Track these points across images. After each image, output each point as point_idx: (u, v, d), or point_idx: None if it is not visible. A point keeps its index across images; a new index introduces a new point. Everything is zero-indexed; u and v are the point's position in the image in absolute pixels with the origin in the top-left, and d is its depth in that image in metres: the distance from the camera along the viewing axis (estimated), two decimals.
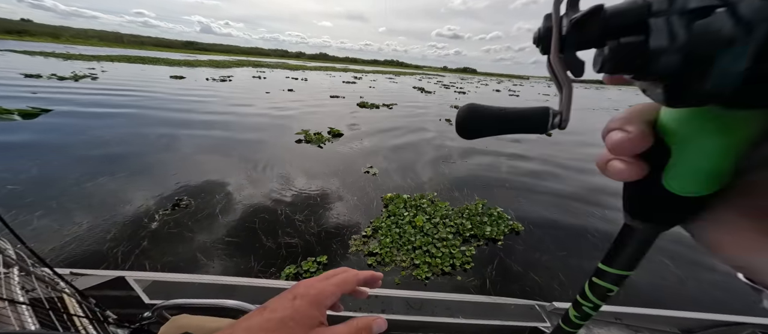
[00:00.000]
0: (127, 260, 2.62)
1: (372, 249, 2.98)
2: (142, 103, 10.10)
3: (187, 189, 4.02)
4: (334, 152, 6.24)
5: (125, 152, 5.34)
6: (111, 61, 32.27)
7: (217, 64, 44.70)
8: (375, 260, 2.85)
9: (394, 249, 3.03)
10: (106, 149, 5.42)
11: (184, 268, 2.62)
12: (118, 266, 2.51)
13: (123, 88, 13.49)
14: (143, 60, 39.20)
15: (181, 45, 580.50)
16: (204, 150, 5.77)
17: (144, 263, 2.61)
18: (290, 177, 4.71)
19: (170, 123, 7.70)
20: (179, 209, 3.51)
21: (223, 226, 3.26)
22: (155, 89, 14.10)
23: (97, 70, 20.91)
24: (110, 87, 13.66)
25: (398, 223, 3.49)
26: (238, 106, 10.98)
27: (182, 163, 4.99)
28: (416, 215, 3.68)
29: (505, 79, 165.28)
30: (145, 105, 9.90)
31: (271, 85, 20.02)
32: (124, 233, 3.02)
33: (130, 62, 33.56)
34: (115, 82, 15.79)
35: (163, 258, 2.71)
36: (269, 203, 3.81)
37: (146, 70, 25.45)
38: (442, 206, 3.93)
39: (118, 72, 21.54)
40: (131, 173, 4.48)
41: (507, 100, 22.53)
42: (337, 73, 51.91)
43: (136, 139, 6.17)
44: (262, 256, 2.82)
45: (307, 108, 11.72)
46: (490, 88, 40.80)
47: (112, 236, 2.94)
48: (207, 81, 19.67)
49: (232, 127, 7.70)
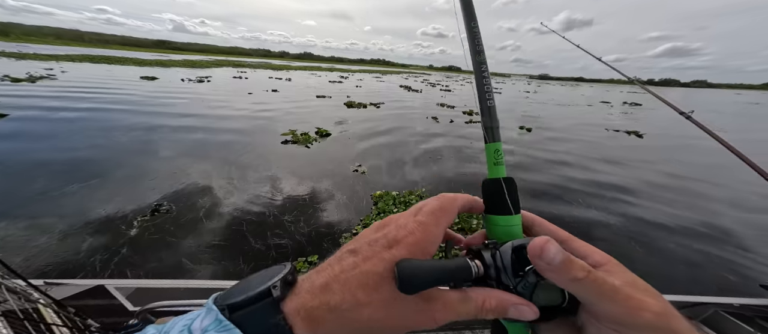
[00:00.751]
0: (105, 269, 2.48)
1: None
2: (110, 106, 9.45)
3: (166, 194, 3.84)
4: (322, 152, 6.19)
5: (95, 157, 4.99)
6: (72, 61, 29.87)
7: (194, 64, 42.59)
8: None
9: None
10: (73, 155, 5.04)
11: (168, 273, 2.51)
12: (96, 276, 2.37)
13: (88, 90, 12.54)
14: (109, 60, 36.59)
15: (152, 44, 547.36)
16: (183, 153, 5.51)
17: (125, 271, 2.48)
18: (278, 178, 4.62)
19: (143, 126, 7.27)
20: (160, 215, 3.35)
21: (209, 230, 3.15)
22: (125, 91, 13.22)
23: (56, 71, 19.28)
24: (73, 88, 12.66)
25: None
26: (218, 108, 10.56)
27: (161, 168, 4.75)
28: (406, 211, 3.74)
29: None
30: (114, 108, 9.27)
31: (253, 86, 19.38)
32: (100, 241, 2.84)
33: (94, 62, 31.24)
34: (78, 83, 14.63)
35: (146, 265, 2.58)
36: (257, 205, 3.72)
37: (113, 70, 23.79)
38: None
39: (81, 73, 20.00)
40: (103, 179, 4.20)
41: None
42: (323, 72, 51.22)
43: (106, 143, 5.78)
44: (252, 258, 2.76)
45: (292, 109, 11.50)
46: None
47: (88, 246, 2.76)
48: (183, 82, 18.70)
49: (213, 129, 7.41)
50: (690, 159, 7.53)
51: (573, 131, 10.63)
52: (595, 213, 4.15)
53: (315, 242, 3.06)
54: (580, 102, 24.54)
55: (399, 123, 9.90)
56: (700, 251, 3.40)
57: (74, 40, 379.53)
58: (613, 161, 6.89)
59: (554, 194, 4.73)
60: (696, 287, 2.85)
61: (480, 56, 0.39)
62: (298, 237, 3.12)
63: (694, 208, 4.52)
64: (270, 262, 2.73)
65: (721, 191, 5.32)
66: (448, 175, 5.32)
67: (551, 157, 6.91)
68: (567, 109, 18.42)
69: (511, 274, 0.26)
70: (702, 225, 3.98)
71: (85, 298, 1.27)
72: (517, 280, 0.26)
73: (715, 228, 3.91)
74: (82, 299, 1.25)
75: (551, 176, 5.57)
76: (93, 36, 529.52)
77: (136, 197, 3.73)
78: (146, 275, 2.46)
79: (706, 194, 5.13)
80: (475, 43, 0.39)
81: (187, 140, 6.35)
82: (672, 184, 5.55)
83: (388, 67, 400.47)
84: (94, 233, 2.95)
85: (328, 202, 3.94)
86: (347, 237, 3.16)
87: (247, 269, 2.63)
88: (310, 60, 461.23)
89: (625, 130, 11.44)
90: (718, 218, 4.23)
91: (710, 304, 1.31)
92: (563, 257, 0.23)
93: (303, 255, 2.82)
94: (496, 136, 0.34)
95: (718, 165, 6.54)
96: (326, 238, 3.13)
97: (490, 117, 0.35)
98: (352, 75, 48.63)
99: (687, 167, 6.81)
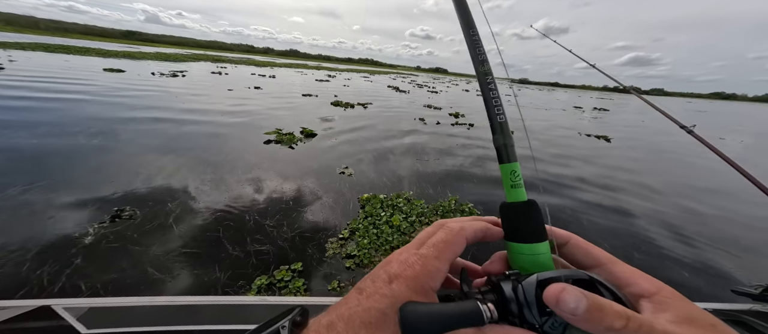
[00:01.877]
0: (55, 283, 2.16)
1: (350, 251, 2.90)
2: (65, 98, 8.56)
3: (128, 198, 3.49)
4: (306, 153, 5.98)
5: (41, 155, 4.45)
6: (23, 50, 26.89)
7: (167, 57, 39.76)
8: (353, 262, 2.78)
9: (372, 250, 2.98)
10: (15, 152, 4.46)
11: (132, 286, 2.25)
12: (44, 292, 2.06)
13: (40, 80, 11.30)
14: (68, 49, 33.30)
15: (120, 35, 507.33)
16: (149, 152, 5.08)
17: (79, 285, 2.18)
18: (259, 180, 4.37)
19: (102, 120, 6.64)
20: (121, 221, 3.02)
21: (179, 236, 2.89)
22: (85, 82, 12.07)
23: (3, 59, 17.25)
24: (22, 78, 11.34)
25: (375, 223, 3.46)
26: (193, 104, 9.91)
27: (121, 168, 4.33)
28: (393, 214, 3.68)
29: (473, 80, 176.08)
30: (70, 99, 8.40)
31: (234, 82, 18.48)
32: (49, 252, 2.49)
33: (50, 51, 28.33)
34: (30, 73, 13.16)
35: (104, 276, 2.30)
36: (235, 209, 3.48)
37: (72, 61, 21.68)
38: (418, 205, 4.00)
39: (34, 62, 18.04)
40: (52, 179, 3.74)
41: (472, 99, 23.90)
42: (310, 70, 49.96)
43: (56, 139, 5.19)
44: (229, 266, 2.56)
45: (276, 107, 11.07)
46: (460, 88, 42.97)
47: (33, 256, 2.41)
48: (153, 76, 17.42)
49: (186, 127, 6.92)
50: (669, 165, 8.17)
51: (549, 133, 11.18)
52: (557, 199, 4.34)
53: (299, 247, 2.90)
54: (555, 106, 25.94)
55: (387, 123, 9.87)
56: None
57: (28, 27, 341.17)
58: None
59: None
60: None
61: (484, 66, 0.34)
62: (280, 243, 2.94)
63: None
64: (250, 269, 2.55)
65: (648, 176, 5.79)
66: (435, 175, 5.33)
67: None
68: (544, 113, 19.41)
69: (537, 312, 0.23)
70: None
71: (26, 320, 1.07)
72: (543, 319, 0.22)
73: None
74: (23, 322, 1.06)
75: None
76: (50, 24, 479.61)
77: (91, 199, 3.35)
78: (104, 288, 2.19)
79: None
80: (477, 53, 0.35)
81: (153, 138, 5.87)
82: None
83: (376, 67, 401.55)
84: (41, 244, 2.59)
85: (312, 205, 3.79)
86: (333, 242, 3.03)
87: (223, 278, 2.42)
88: (297, 57, 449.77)
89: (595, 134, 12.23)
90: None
91: (719, 310, 1.21)
92: (588, 304, 0.19)
93: (286, 263, 2.65)
94: (511, 156, 0.31)
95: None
96: (311, 243, 2.99)
97: (502, 134, 0.32)
98: (340, 74, 47.92)
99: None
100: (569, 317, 0.20)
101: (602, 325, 0.19)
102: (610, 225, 4.07)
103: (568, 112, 21.98)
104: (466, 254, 0.30)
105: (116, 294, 2.13)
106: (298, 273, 2.56)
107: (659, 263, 3.30)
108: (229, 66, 38.64)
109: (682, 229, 4.14)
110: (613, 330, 0.19)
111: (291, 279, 2.48)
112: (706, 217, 4.72)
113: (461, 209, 4.04)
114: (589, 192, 5.24)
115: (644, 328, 0.19)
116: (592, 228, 3.96)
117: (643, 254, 3.42)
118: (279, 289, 2.37)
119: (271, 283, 2.41)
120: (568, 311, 0.20)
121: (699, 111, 50.19)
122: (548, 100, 35.36)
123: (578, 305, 0.19)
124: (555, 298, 0.20)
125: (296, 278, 2.50)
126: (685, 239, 3.85)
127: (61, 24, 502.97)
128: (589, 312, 0.19)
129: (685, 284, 2.92)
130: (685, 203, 5.21)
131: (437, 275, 0.25)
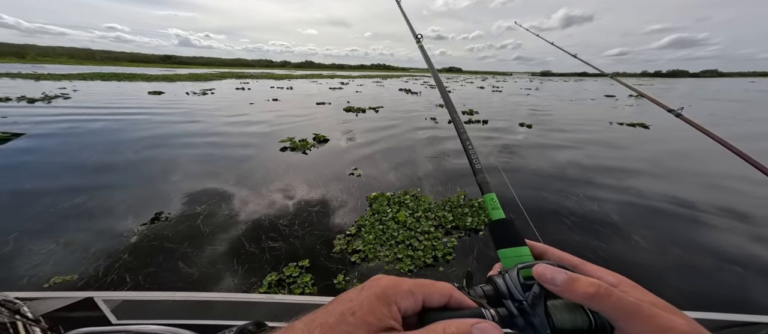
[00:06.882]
0: (108, 274, 2.60)
1: (356, 247, 3.06)
2: (117, 120, 9.81)
3: (164, 202, 3.98)
4: (319, 158, 6.30)
5: (101, 169, 5.21)
6: (84, 80, 30.98)
7: (198, 77, 43.65)
8: (359, 256, 2.93)
9: (377, 245, 3.12)
10: (82, 170, 5.26)
11: (164, 278, 2.61)
12: (91, 285, 2.49)
13: (97, 107, 13.03)
14: (118, 76, 37.80)
15: (159, 59, 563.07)
16: (183, 162, 5.69)
17: (124, 277, 2.60)
18: (275, 184, 4.73)
19: (148, 138, 7.53)
20: (159, 222, 3.48)
21: (206, 235, 3.26)
22: (132, 105, 13.70)
23: (69, 90, 20.04)
24: (84, 106, 13.17)
25: (381, 220, 3.58)
26: (219, 118, 10.83)
27: (161, 176, 4.92)
28: (399, 210, 3.78)
29: (490, 76, 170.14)
30: (121, 121, 9.62)
31: (255, 96, 19.78)
32: (101, 248, 2.98)
33: (105, 80, 32.33)
34: (89, 101, 15.20)
35: (144, 269, 2.70)
36: (252, 210, 3.83)
37: (122, 86, 24.58)
38: (425, 201, 4.06)
39: (92, 90, 20.73)
40: (109, 189, 4.38)
41: (489, 96, 23.16)
42: (324, 80, 51.76)
43: (112, 158, 6.01)
44: (245, 260, 2.85)
45: (292, 116, 11.69)
46: (474, 85, 41.71)
47: (93, 253, 2.90)
48: (187, 95, 19.24)
49: (213, 138, 7.61)
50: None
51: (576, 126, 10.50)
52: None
53: (308, 245, 3.13)
54: (583, 96, 24.16)
55: (397, 125, 9.97)
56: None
57: (86, 58, 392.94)
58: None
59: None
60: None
61: (454, 119, 0.44)
62: (292, 240, 3.19)
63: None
64: (264, 264, 2.82)
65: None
66: (442, 172, 5.35)
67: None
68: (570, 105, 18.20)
69: (521, 290, 0.29)
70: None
71: (74, 310, 1.24)
72: (526, 294, 0.28)
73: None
74: (71, 312, 1.23)
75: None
76: (103, 54, 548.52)
77: (140, 203, 3.88)
78: (144, 279, 2.58)
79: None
80: (451, 109, 0.45)
81: (186, 149, 6.55)
82: None
83: (389, 71, 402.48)
84: (96, 240, 3.10)
85: (323, 205, 4.02)
86: (341, 239, 3.22)
87: (240, 271, 2.72)
88: (312, 68, 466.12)
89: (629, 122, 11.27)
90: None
91: (763, 323, 1.18)
92: (566, 276, 0.25)
93: (296, 259, 2.88)
94: (488, 189, 0.43)
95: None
96: (320, 240, 3.20)
97: (482, 175, 0.45)
98: (353, 81, 49.01)
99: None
100: (553, 288, 0.25)
101: (579, 292, 0.24)
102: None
103: (598, 101, 20.22)
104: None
105: (145, 290, 2.52)
106: (305, 269, 2.75)
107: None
108: (251, 81, 41.27)
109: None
110: (588, 295, 0.24)
111: (299, 275, 2.65)
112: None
113: (470, 203, 4.01)
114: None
115: (616, 296, 0.23)
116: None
117: None
118: (288, 285, 2.57)
119: (281, 279, 2.61)
120: (549, 280, 0.25)
121: (762, 90, 42.91)
122: (576, 90, 32.77)
123: (557, 276, 0.25)
124: (541, 273, 0.26)
125: (303, 274, 2.67)
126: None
127: (112, 54, 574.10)
128: (567, 283, 0.24)
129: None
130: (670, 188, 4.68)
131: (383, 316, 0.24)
